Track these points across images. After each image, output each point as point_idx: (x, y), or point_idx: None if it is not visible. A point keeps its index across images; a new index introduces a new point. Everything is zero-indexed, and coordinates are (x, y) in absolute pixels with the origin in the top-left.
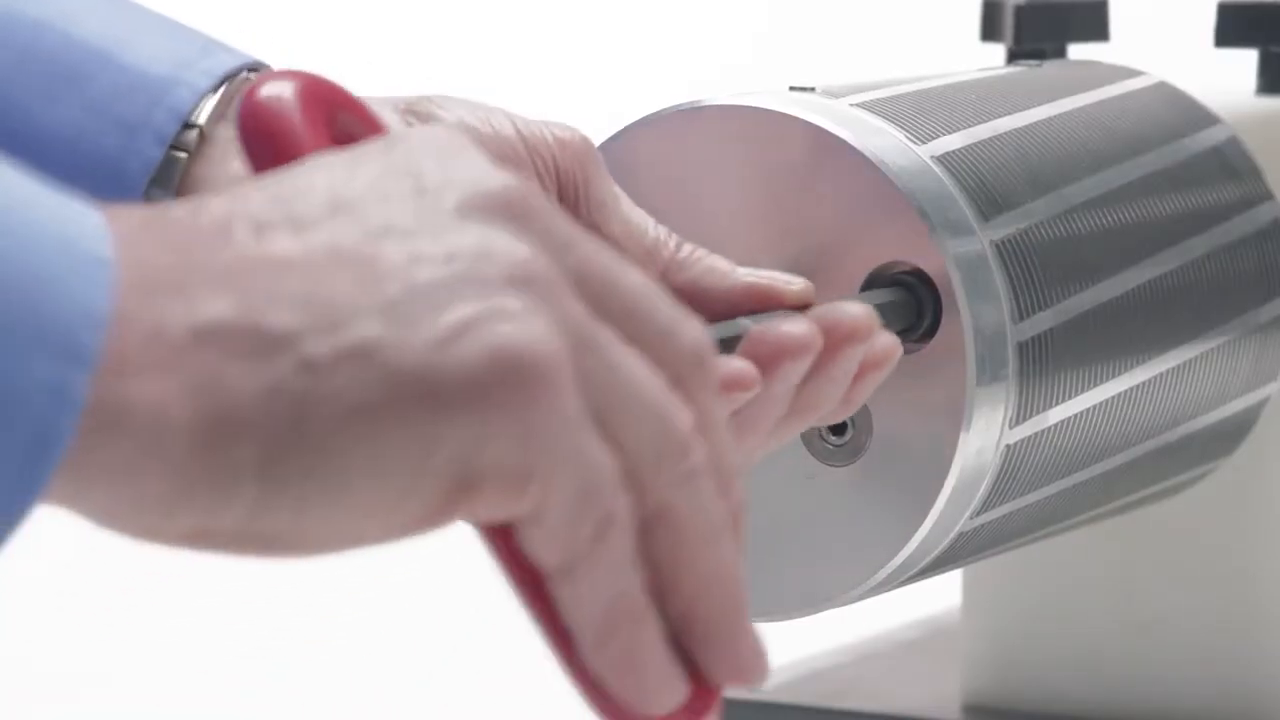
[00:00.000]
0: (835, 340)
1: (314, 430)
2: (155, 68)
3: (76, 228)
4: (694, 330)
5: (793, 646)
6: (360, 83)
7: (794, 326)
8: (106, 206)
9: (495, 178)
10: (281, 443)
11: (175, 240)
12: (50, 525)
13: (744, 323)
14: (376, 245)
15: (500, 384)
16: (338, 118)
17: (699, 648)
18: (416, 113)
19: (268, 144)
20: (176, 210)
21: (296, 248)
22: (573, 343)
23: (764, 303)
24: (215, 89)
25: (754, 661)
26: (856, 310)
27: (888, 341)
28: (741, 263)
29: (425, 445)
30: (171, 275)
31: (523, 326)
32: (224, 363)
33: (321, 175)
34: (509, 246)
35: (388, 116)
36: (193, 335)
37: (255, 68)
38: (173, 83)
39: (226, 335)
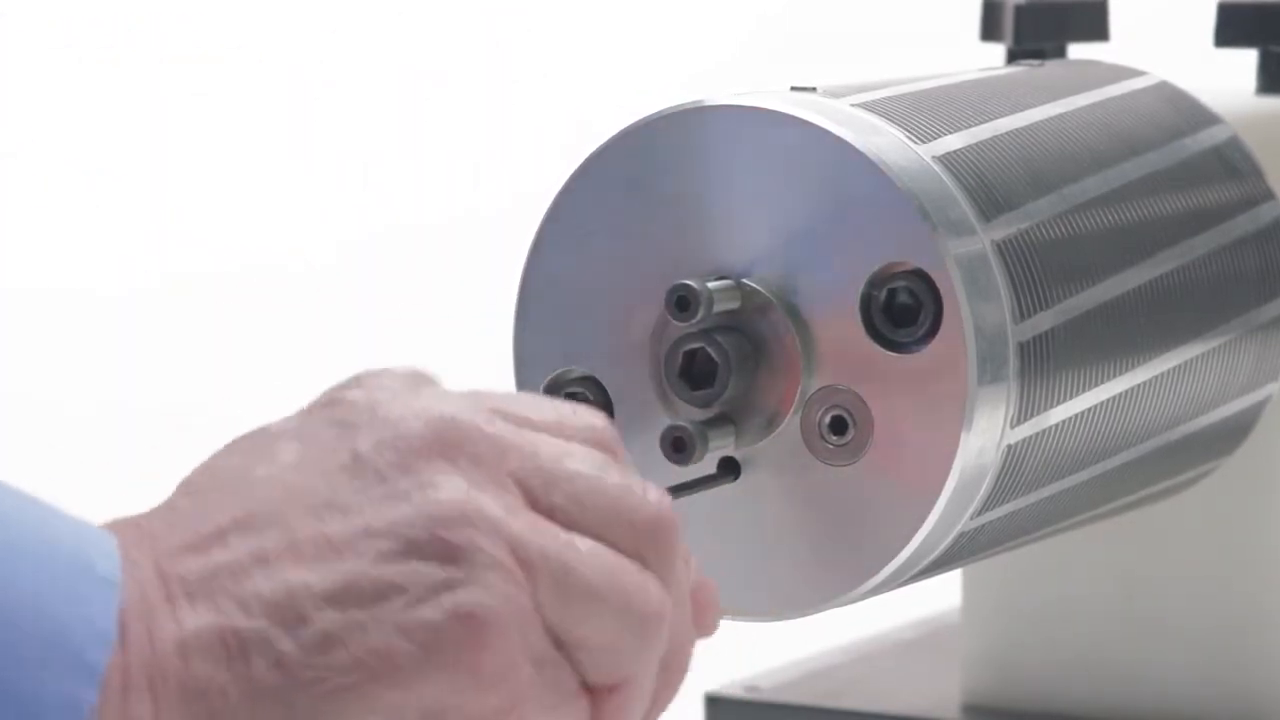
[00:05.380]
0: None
1: (301, 717)
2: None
3: (94, 549)
4: (646, 504)
5: (793, 646)
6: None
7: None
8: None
9: (416, 421)
10: None
11: (161, 550)
12: None
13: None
14: (324, 526)
15: (456, 646)
16: None
17: None
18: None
19: None
20: (155, 520)
21: (251, 545)
22: (520, 570)
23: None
24: None
25: None
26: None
27: None
28: (741, 262)
29: (399, 711)
30: (159, 590)
31: (470, 593)
32: (210, 671)
33: (262, 465)
34: (446, 497)
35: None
36: (178, 648)
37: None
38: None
39: (206, 645)
